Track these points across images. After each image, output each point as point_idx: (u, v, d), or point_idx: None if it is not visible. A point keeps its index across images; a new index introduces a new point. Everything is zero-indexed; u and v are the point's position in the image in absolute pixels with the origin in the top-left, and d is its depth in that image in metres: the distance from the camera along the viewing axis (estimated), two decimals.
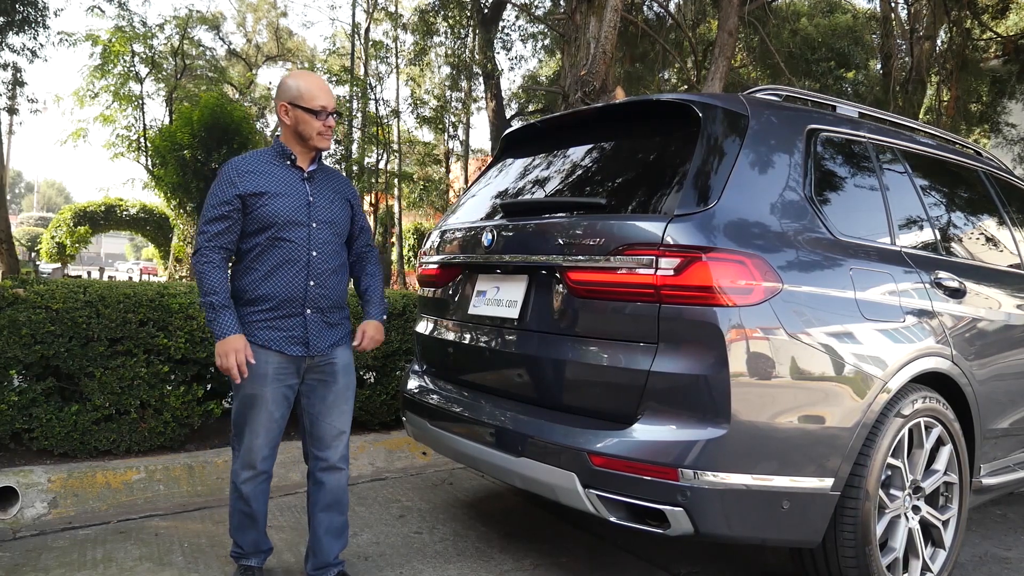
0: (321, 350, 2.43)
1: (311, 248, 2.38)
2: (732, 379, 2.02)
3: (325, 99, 2.39)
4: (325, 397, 2.47)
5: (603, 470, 2.12)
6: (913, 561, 2.47)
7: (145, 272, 30.40)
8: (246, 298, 2.37)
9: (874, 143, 2.83)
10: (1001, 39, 13.21)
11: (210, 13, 22.05)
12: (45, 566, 2.65)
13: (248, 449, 2.41)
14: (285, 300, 2.35)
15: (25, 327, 3.22)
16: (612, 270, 2.21)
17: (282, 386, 2.39)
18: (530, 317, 2.52)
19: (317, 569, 2.52)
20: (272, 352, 2.36)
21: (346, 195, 2.55)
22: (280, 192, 2.36)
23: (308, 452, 2.55)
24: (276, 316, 2.36)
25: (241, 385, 2.36)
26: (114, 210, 21.34)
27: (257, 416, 2.38)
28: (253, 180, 2.35)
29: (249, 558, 2.56)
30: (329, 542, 2.52)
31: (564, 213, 2.52)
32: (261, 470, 2.44)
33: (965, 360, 2.64)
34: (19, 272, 10.87)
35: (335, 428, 2.50)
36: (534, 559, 2.87)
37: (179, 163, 11.08)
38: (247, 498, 2.45)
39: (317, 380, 2.46)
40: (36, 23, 12.10)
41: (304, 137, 2.41)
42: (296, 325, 2.37)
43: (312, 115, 2.37)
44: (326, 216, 2.43)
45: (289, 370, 2.40)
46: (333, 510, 2.52)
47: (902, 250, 2.65)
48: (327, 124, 2.40)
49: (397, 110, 21.64)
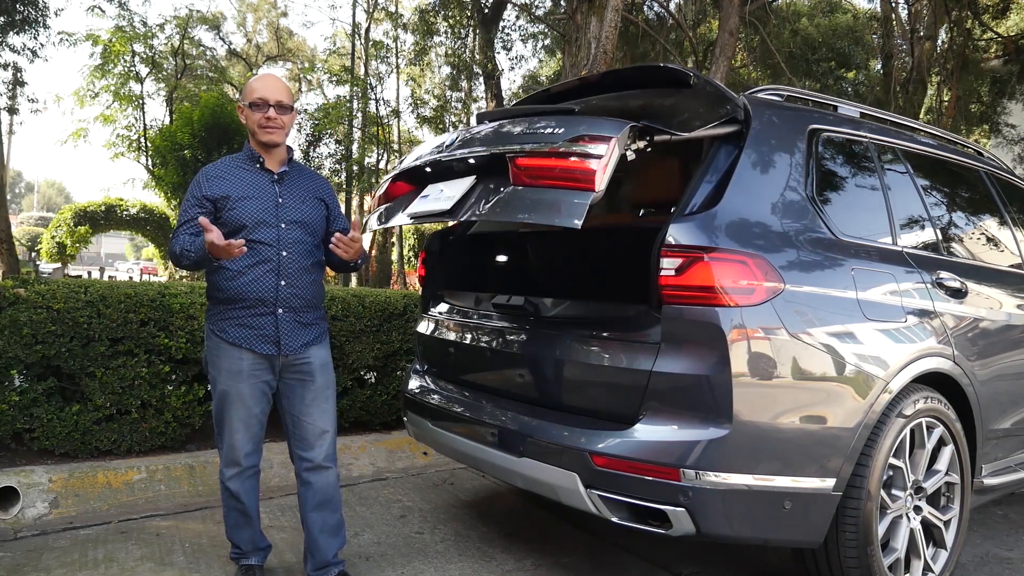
0: (294, 349, 2.42)
1: (281, 248, 2.38)
2: (734, 379, 2.02)
3: (263, 91, 2.38)
4: (304, 396, 2.47)
5: (605, 470, 2.12)
6: (915, 561, 2.46)
7: (145, 272, 30.39)
8: (220, 297, 2.39)
9: (876, 143, 2.83)
10: (1002, 39, 13.20)
11: (210, 13, 22.06)
12: (46, 566, 2.65)
13: (230, 446, 2.42)
14: (257, 300, 2.36)
15: (26, 327, 3.22)
16: None
17: (258, 382, 2.40)
18: (464, 209, 2.37)
19: (317, 569, 2.51)
20: (244, 350, 2.38)
21: (319, 194, 2.55)
22: (247, 195, 2.38)
23: (293, 453, 2.54)
24: (248, 315, 2.37)
25: (217, 382, 2.39)
26: (114, 210, 21.31)
27: (235, 412, 2.39)
28: (220, 184, 2.38)
29: (249, 557, 2.56)
30: (325, 541, 2.51)
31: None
32: (246, 466, 2.46)
33: (966, 360, 2.64)
34: (19, 272, 10.88)
35: (317, 427, 2.49)
36: (536, 559, 2.87)
37: (179, 163, 11.09)
38: (237, 495, 2.47)
39: (295, 380, 2.46)
40: (37, 23, 12.10)
41: (252, 133, 2.43)
42: (268, 324, 2.38)
43: (252, 109, 2.39)
44: (296, 216, 2.44)
45: (263, 367, 2.41)
46: (325, 509, 2.52)
47: (903, 250, 2.65)
48: (267, 116, 2.38)
49: (397, 110, 21.65)
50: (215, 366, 2.41)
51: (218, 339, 2.39)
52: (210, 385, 2.44)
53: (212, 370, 2.43)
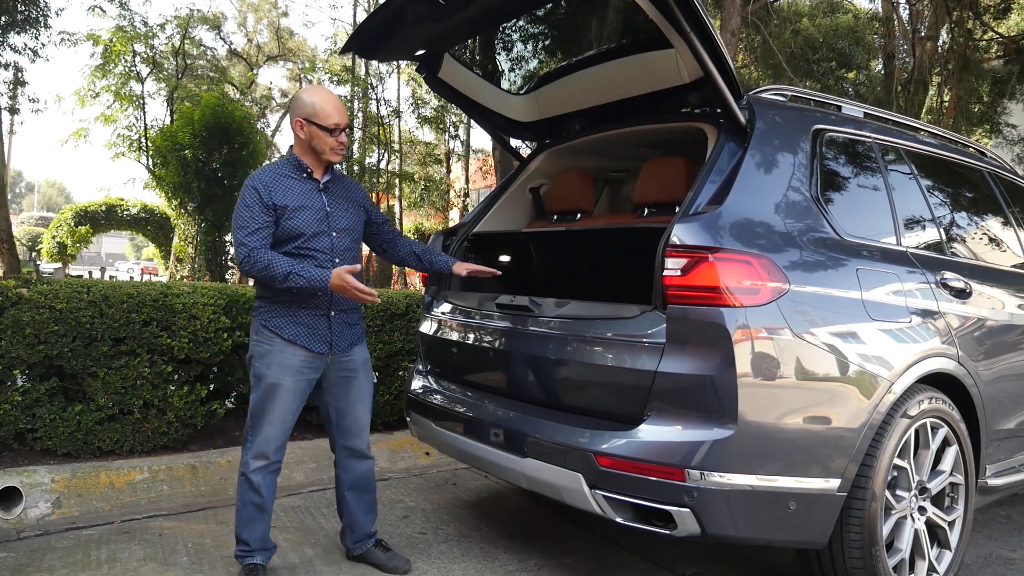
0: (343, 348, 2.60)
1: (334, 255, 2.53)
2: (739, 380, 2.02)
3: (339, 117, 2.50)
4: (349, 392, 2.64)
5: (609, 471, 2.12)
6: (919, 562, 2.46)
7: (146, 272, 30.41)
8: (277, 298, 2.50)
9: (879, 143, 2.83)
10: (1002, 39, 13.19)
11: (211, 13, 22.09)
12: (49, 566, 2.65)
13: (265, 439, 2.51)
14: (313, 303, 2.51)
15: (29, 327, 3.22)
16: None
17: (303, 380, 2.53)
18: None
19: (356, 543, 2.74)
20: (299, 347, 2.50)
21: (360, 200, 2.71)
22: (301, 205, 2.49)
23: (335, 443, 2.72)
24: (304, 315, 2.51)
25: (265, 376, 2.48)
26: (115, 210, 21.31)
27: (278, 405, 2.49)
28: (278, 194, 2.46)
29: (255, 555, 2.57)
30: (364, 517, 2.74)
31: None
32: (274, 460, 2.54)
33: (971, 361, 2.64)
34: (20, 272, 10.87)
35: (361, 421, 2.69)
36: (539, 559, 2.87)
37: (180, 163, 11.07)
38: (258, 488, 2.52)
39: (341, 376, 2.63)
40: (38, 23, 12.10)
41: (318, 152, 2.54)
42: (322, 325, 2.53)
43: (326, 132, 2.49)
44: (343, 224, 2.59)
45: (313, 365, 2.54)
46: (364, 491, 2.73)
47: (907, 250, 2.65)
48: (340, 140, 2.53)
49: (398, 110, 21.65)
50: (265, 361, 2.49)
51: (272, 334, 2.49)
52: (253, 380, 2.53)
53: (260, 364, 2.51)
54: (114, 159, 15.99)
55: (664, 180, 2.84)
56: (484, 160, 24.07)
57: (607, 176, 3.85)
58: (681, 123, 2.76)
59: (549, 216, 3.36)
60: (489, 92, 3.34)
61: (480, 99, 3.31)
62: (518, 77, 3.45)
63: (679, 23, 2.14)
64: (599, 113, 3.14)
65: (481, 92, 3.31)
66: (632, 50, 2.80)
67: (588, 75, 3.02)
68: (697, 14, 2.12)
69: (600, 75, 2.96)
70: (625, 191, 3.86)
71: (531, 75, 3.39)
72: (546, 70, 3.29)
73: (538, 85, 3.31)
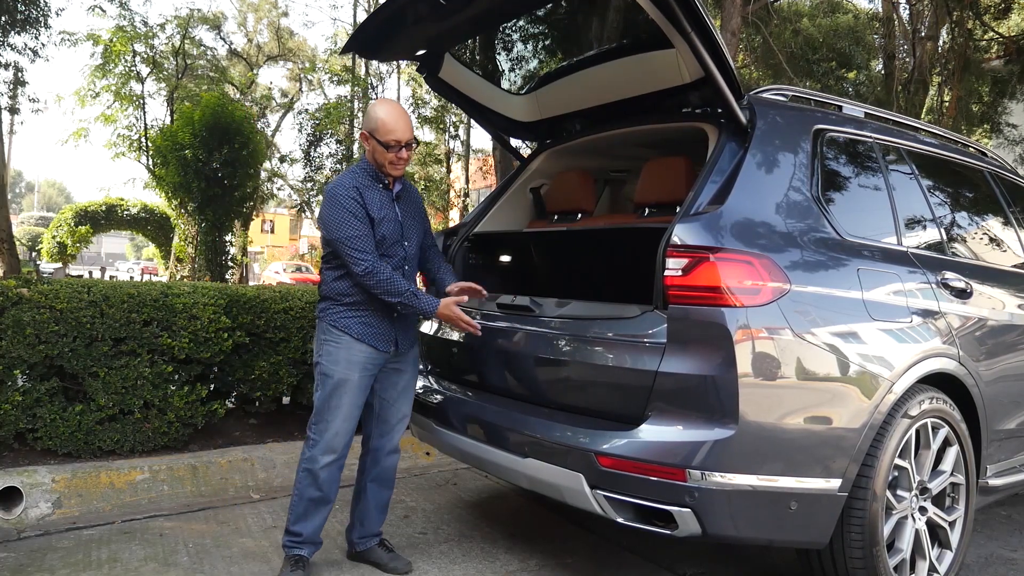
0: (406, 348, 2.70)
1: (405, 263, 2.64)
2: (740, 380, 2.01)
3: (400, 134, 2.52)
4: (397, 384, 2.73)
5: (610, 471, 2.11)
6: (920, 562, 2.46)
7: (146, 272, 30.43)
8: (347, 301, 2.57)
9: (880, 143, 2.82)
10: (1003, 39, 13.18)
11: (211, 13, 22.05)
12: (50, 566, 2.64)
13: (335, 434, 2.56)
14: (384, 306, 2.56)
15: (29, 327, 3.22)
16: None
17: (368, 376, 2.60)
18: None
19: (362, 538, 2.76)
20: (366, 345, 2.56)
21: (423, 211, 2.80)
22: (384, 215, 2.57)
23: (370, 434, 2.76)
24: (374, 317, 2.58)
25: (332, 373, 2.55)
26: (115, 210, 21.31)
27: (347, 400, 2.56)
28: (371, 204, 2.53)
29: (303, 547, 2.60)
30: (377, 514, 2.77)
31: None
32: (341, 455, 2.60)
33: (972, 361, 2.63)
34: (20, 272, 10.87)
35: (402, 411, 2.77)
36: (539, 560, 2.87)
37: (180, 163, 11.04)
38: (323, 483, 2.57)
39: (392, 368, 2.70)
40: (38, 23, 12.09)
41: (379, 164, 2.59)
42: (389, 327, 2.61)
43: (384, 148, 2.53)
44: (412, 233, 2.69)
45: (377, 363, 2.61)
46: (385, 487, 2.77)
47: (908, 250, 2.65)
48: (399, 156, 2.55)
49: None
50: (333, 358, 2.55)
51: (340, 333, 2.56)
52: (319, 378, 2.59)
53: (327, 362, 2.56)
54: (114, 159, 15.98)
55: (665, 180, 2.84)
56: (484, 160, 24.08)
57: (608, 176, 3.85)
58: (682, 123, 2.76)
59: (550, 216, 3.36)
60: (490, 92, 3.34)
61: (481, 99, 3.31)
62: (518, 77, 3.45)
63: (680, 23, 2.14)
64: (600, 113, 3.14)
65: (482, 92, 3.30)
66: (633, 50, 2.80)
67: (589, 75, 3.01)
68: (698, 14, 2.12)
69: (601, 75, 2.96)
70: (626, 191, 3.86)
71: (531, 75, 3.40)
72: (546, 70, 3.28)
73: (539, 85, 3.31)
